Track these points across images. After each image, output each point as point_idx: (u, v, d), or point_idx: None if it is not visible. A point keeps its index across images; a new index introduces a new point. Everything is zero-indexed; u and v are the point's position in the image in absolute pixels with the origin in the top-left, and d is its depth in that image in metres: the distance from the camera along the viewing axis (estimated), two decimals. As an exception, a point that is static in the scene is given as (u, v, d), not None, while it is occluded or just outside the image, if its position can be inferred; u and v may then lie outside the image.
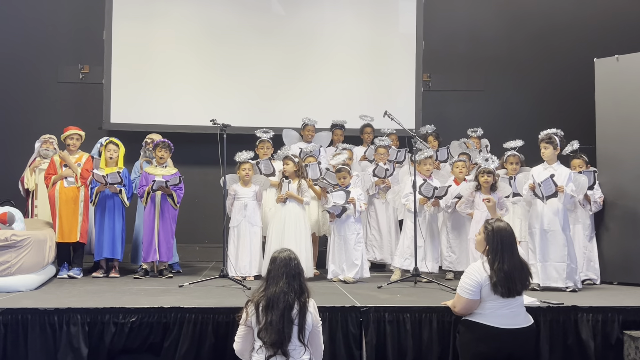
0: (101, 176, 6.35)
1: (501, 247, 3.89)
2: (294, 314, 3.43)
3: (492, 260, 3.90)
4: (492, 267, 3.88)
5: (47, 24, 8.74)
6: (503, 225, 3.98)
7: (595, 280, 6.36)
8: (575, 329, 4.64)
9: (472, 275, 3.95)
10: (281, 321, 3.38)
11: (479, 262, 4.01)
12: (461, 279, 4.06)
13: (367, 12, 8.97)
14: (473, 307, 3.97)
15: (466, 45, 9.29)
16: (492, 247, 3.93)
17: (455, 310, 4.13)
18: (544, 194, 5.74)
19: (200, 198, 8.39)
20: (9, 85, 8.64)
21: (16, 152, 7.84)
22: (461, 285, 4.01)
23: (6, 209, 5.77)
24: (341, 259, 6.24)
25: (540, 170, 5.95)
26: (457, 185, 6.59)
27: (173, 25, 8.67)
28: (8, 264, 5.35)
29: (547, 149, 5.93)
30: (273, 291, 3.44)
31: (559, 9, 9.29)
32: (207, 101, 8.59)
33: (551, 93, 9.17)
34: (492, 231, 3.95)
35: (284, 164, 6.47)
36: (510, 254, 3.89)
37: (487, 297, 3.90)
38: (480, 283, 3.90)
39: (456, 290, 4.12)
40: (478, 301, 3.94)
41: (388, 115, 6.21)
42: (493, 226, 3.98)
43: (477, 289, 3.91)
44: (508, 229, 3.97)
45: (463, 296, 3.98)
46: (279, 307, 3.39)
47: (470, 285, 3.93)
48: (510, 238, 3.94)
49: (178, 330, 4.37)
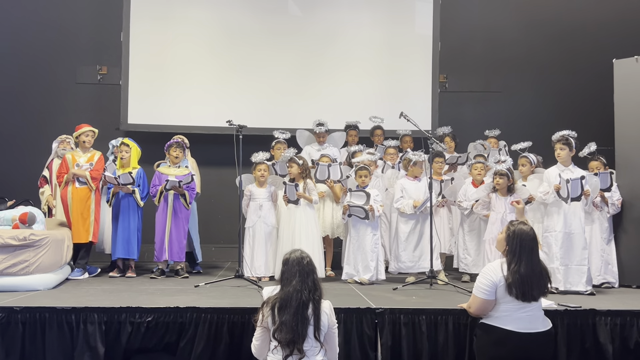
0: (113, 177, 6.40)
1: (519, 250, 3.87)
2: (309, 313, 3.43)
3: (510, 261, 3.88)
4: (508, 268, 3.86)
5: (66, 26, 8.84)
6: (526, 229, 3.95)
7: (614, 283, 6.29)
8: (593, 332, 4.58)
9: (488, 275, 3.94)
10: (294, 319, 3.39)
11: (497, 262, 3.99)
12: (477, 278, 4.06)
13: (384, 13, 8.95)
14: (488, 308, 3.95)
15: (483, 46, 9.24)
16: (510, 248, 3.91)
17: (470, 310, 4.11)
18: (570, 195, 5.67)
19: (216, 198, 8.43)
20: (29, 86, 8.74)
21: (35, 152, 7.92)
22: (476, 285, 4.01)
23: (28, 209, 5.83)
24: (356, 260, 6.22)
25: (555, 173, 5.89)
26: (475, 187, 6.55)
27: (190, 27, 8.72)
28: (26, 262, 5.40)
29: (563, 150, 5.88)
30: (287, 291, 3.46)
31: (578, 10, 9.20)
32: (224, 102, 8.63)
33: (569, 94, 9.09)
34: (513, 232, 3.93)
35: (289, 167, 6.48)
36: (528, 258, 3.86)
37: (502, 299, 3.88)
38: (495, 283, 3.88)
39: (472, 291, 4.11)
40: (493, 302, 3.92)
41: (404, 117, 6.18)
42: (515, 228, 3.96)
43: (492, 289, 3.89)
44: (530, 233, 3.93)
45: (478, 296, 3.97)
46: (292, 305, 3.41)
47: (485, 285, 3.92)
48: (530, 242, 3.90)
49: (194, 330, 4.39)
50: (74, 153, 6.62)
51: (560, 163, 5.93)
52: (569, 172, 5.81)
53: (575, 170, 5.87)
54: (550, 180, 5.87)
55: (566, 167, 5.88)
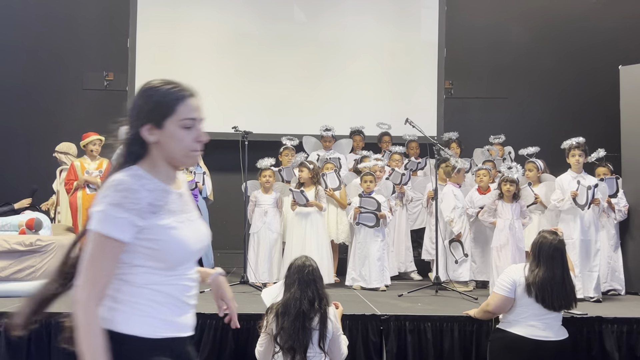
0: None
1: (538, 256, 3.96)
2: (315, 324, 3.42)
3: (531, 265, 3.98)
4: (530, 270, 3.95)
5: (73, 32, 8.87)
6: (547, 238, 4.02)
7: (620, 290, 6.25)
8: (599, 340, 4.57)
9: (510, 273, 4.04)
10: (293, 327, 3.39)
11: (521, 264, 4.10)
12: (499, 277, 4.17)
13: (389, 19, 8.95)
14: (506, 307, 3.99)
15: (489, 53, 9.23)
16: (532, 253, 4.04)
17: (488, 308, 4.15)
18: (589, 201, 5.65)
19: (221, 204, 8.43)
20: (35, 92, 8.78)
21: (41, 158, 7.95)
22: (497, 283, 4.10)
23: (35, 215, 5.85)
24: (363, 266, 6.22)
25: (568, 179, 5.87)
26: (480, 194, 6.53)
27: (196, 34, 8.74)
28: (33, 268, 5.42)
29: (582, 157, 5.89)
30: (287, 297, 3.48)
31: (583, 16, 9.18)
32: (229, 108, 8.63)
33: (575, 100, 9.06)
34: (536, 240, 4.07)
35: (299, 171, 6.48)
36: (548, 265, 3.91)
37: (521, 300, 3.92)
38: (516, 282, 3.95)
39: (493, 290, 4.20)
40: (512, 300, 3.96)
41: (409, 123, 6.18)
42: (540, 235, 4.08)
43: (513, 286, 3.95)
44: (551, 243, 3.98)
45: (498, 292, 4.04)
46: (291, 312, 3.41)
47: (506, 282, 3.99)
48: (550, 250, 3.95)
49: (199, 336, 4.39)
50: (82, 160, 6.65)
51: (574, 170, 5.91)
52: (582, 179, 5.80)
53: (587, 177, 5.87)
54: (564, 187, 5.84)
55: (578, 174, 5.87)
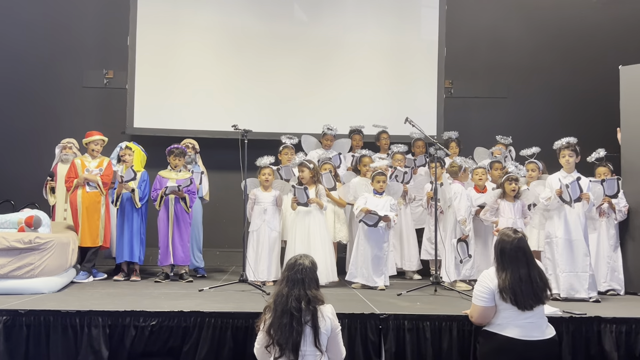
0: (119, 175, 6.51)
1: (502, 261, 3.87)
2: (305, 322, 3.41)
3: (497, 270, 3.90)
4: (498, 276, 3.86)
5: (74, 30, 8.87)
6: (506, 240, 3.89)
7: (619, 290, 6.25)
8: (598, 340, 4.56)
9: (484, 282, 3.94)
10: (279, 323, 3.39)
11: (492, 269, 3.98)
12: (474, 287, 4.06)
13: (390, 19, 8.95)
14: (489, 315, 3.94)
15: (488, 52, 9.23)
16: (495, 257, 3.94)
17: (472, 319, 4.11)
18: (572, 197, 5.65)
19: (220, 203, 8.43)
20: (35, 90, 8.78)
21: (41, 156, 7.95)
22: (474, 294, 4.02)
23: (34, 213, 5.84)
24: (365, 264, 6.20)
25: (557, 179, 5.87)
26: (477, 192, 6.53)
27: (196, 32, 8.74)
28: (31, 266, 5.42)
29: (572, 157, 5.88)
30: (275, 292, 3.51)
31: (583, 16, 9.18)
32: (229, 107, 8.64)
33: (575, 100, 9.06)
34: (497, 242, 3.98)
35: (300, 171, 6.47)
36: (513, 268, 3.82)
37: (501, 306, 3.88)
38: (492, 289, 3.88)
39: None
40: (493, 308, 3.91)
41: (409, 122, 6.18)
42: (500, 236, 3.97)
43: (490, 295, 3.89)
44: (512, 243, 3.86)
45: (477, 304, 3.97)
46: (277, 310, 3.42)
47: (482, 292, 3.93)
48: (512, 252, 3.84)
49: (197, 335, 4.40)
50: (82, 158, 6.66)
51: (566, 170, 5.91)
52: (570, 178, 5.80)
53: (576, 175, 5.86)
54: (552, 186, 5.86)
55: (569, 174, 5.87)
